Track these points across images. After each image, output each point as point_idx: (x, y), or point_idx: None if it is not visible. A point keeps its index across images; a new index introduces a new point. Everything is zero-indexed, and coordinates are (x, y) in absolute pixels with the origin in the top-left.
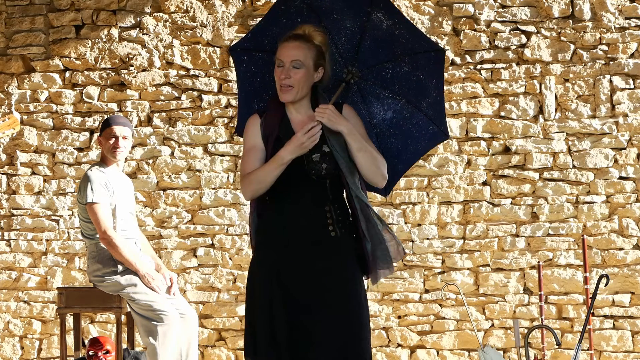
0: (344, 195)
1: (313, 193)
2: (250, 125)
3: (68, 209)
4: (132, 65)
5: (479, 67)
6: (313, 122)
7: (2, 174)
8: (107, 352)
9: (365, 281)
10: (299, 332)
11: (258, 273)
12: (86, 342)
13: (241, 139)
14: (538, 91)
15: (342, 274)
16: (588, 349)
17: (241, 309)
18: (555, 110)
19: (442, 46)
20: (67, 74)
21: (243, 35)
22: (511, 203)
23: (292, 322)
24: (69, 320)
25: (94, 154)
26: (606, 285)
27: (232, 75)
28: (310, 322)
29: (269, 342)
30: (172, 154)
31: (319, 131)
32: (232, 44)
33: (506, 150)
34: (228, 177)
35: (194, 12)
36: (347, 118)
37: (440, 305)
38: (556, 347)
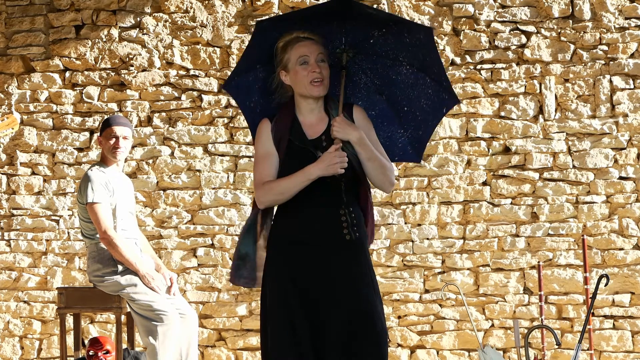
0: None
1: (328, 196)
2: (262, 131)
3: (68, 209)
4: (132, 66)
5: (479, 67)
6: (340, 145)
7: (2, 174)
8: (107, 352)
9: None
10: (314, 334)
11: (271, 277)
12: (86, 342)
13: (243, 144)
14: (538, 91)
15: (356, 278)
16: (588, 349)
17: (241, 309)
18: (555, 110)
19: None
20: (67, 74)
21: (243, 35)
22: (511, 203)
23: (306, 325)
24: (69, 320)
25: (94, 154)
26: (606, 285)
27: None
28: (325, 325)
29: (283, 345)
30: (172, 154)
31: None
32: (223, 84)
33: (506, 150)
34: (228, 177)
35: (193, 12)
36: (357, 121)
37: (440, 305)
38: (556, 347)
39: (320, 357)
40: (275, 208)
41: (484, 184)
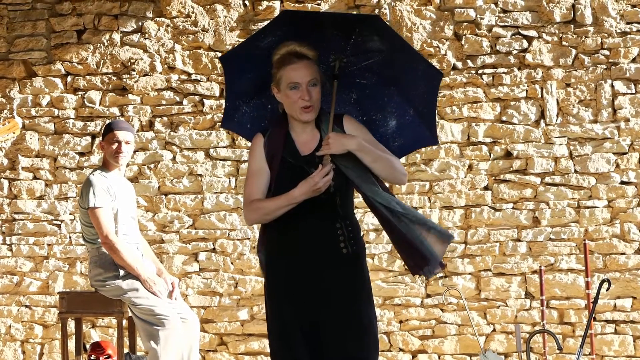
0: (354, 208)
1: (323, 210)
2: (255, 146)
3: (70, 214)
4: (133, 70)
5: (480, 71)
6: (327, 165)
7: (4, 178)
8: (109, 356)
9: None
10: (313, 350)
11: (270, 294)
12: (88, 346)
13: (244, 148)
14: (539, 96)
15: (354, 292)
16: (590, 354)
17: (243, 314)
18: (557, 115)
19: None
20: (69, 78)
21: (244, 39)
22: (513, 208)
23: (304, 340)
24: (71, 325)
25: (96, 158)
26: (608, 289)
27: None
28: (323, 340)
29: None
30: (173, 159)
31: (332, 171)
32: (222, 54)
33: (507, 154)
34: (229, 182)
35: (195, 17)
36: (349, 130)
37: (441, 309)
38: (558, 351)
39: None
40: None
41: (486, 188)
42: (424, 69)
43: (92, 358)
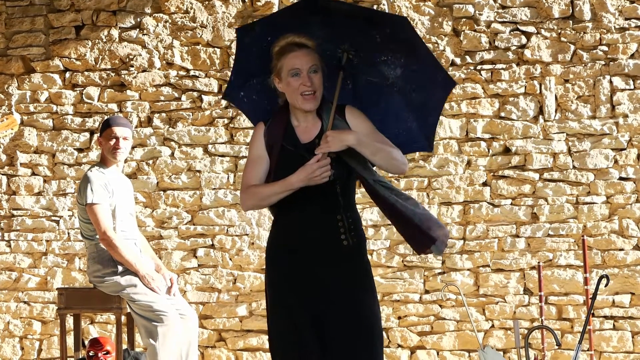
0: (356, 197)
1: (324, 201)
2: (256, 135)
3: (68, 210)
4: (132, 66)
5: (479, 67)
6: (326, 157)
7: (2, 174)
8: (107, 352)
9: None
10: (313, 342)
11: (272, 288)
12: (86, 342)
13: (243, 144)
14: (538, 92)
15: (355, 284)
16: (588, 350)
17: (241, 310)
18: (555, 111)
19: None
20: (67, 74)
21: None
22: (511, 204)
23: (307, 331)
24: (69, 321)
25: (94, 154)
26: (606, 285)
27: None
28: (324, 330)
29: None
30: (172, 155)
31: (330, 163)
32: (224, 95)
33: (506, 150)
34: (228, 178)
35: (194, 13)
36: (351, 120)
37: (440, 305)
38: (556, 347)
39: None
40: (275, 212)
41: (484, 184)
42: (423, 125)
43: (90, 354)
